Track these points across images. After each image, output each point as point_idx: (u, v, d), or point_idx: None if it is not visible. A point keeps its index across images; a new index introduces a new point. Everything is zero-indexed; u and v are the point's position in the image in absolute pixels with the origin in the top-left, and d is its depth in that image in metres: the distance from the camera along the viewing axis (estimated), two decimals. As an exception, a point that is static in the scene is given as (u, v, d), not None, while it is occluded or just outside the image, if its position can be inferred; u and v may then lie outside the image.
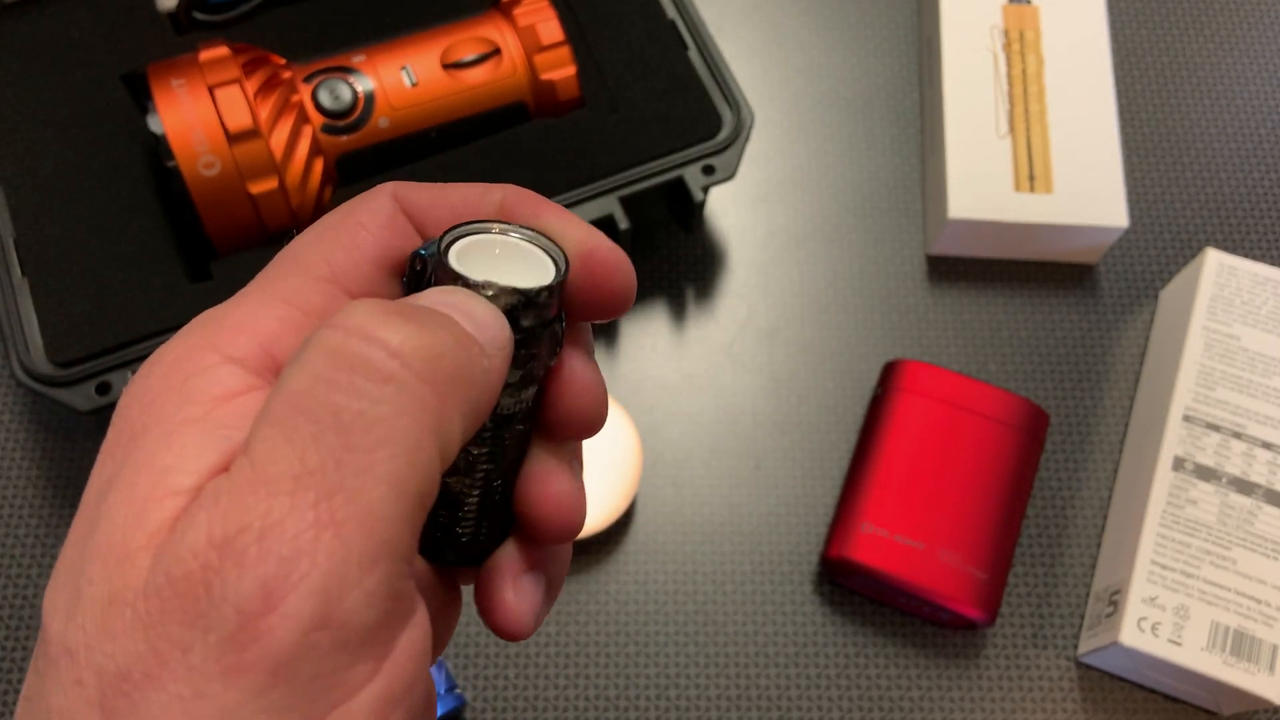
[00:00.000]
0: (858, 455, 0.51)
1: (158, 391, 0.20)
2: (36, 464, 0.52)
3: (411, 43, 0.50)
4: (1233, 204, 0.60)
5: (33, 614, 0.49)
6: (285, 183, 0.47)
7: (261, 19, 0.53)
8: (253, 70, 0.47)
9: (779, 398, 0.55)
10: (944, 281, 0.58)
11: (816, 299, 0.57)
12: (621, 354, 0.56)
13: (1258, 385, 0.50)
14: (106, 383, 0.45)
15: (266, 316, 0.21)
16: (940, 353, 0.56)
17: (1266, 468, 0.48)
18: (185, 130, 0.45)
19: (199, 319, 0.22)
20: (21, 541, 0.51)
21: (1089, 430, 0.55)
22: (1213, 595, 0.46)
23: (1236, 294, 0.52)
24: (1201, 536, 0.47)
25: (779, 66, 0.64)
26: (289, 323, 0.21)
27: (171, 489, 0.19)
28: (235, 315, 0.21)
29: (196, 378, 0.20)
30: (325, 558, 0.17)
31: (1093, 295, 0.58)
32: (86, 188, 0.48)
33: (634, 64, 0.53)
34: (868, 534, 0.48)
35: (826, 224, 0.59)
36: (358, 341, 0.18)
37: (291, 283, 0.22)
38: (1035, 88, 0.58)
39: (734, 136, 0.51)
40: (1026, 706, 0.49)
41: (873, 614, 0.51)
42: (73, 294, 0.46)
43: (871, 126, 0.62)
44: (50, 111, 0.50)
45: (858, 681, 0.49)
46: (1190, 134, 0.62)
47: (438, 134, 0.50)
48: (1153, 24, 0.65)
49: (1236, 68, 0.64)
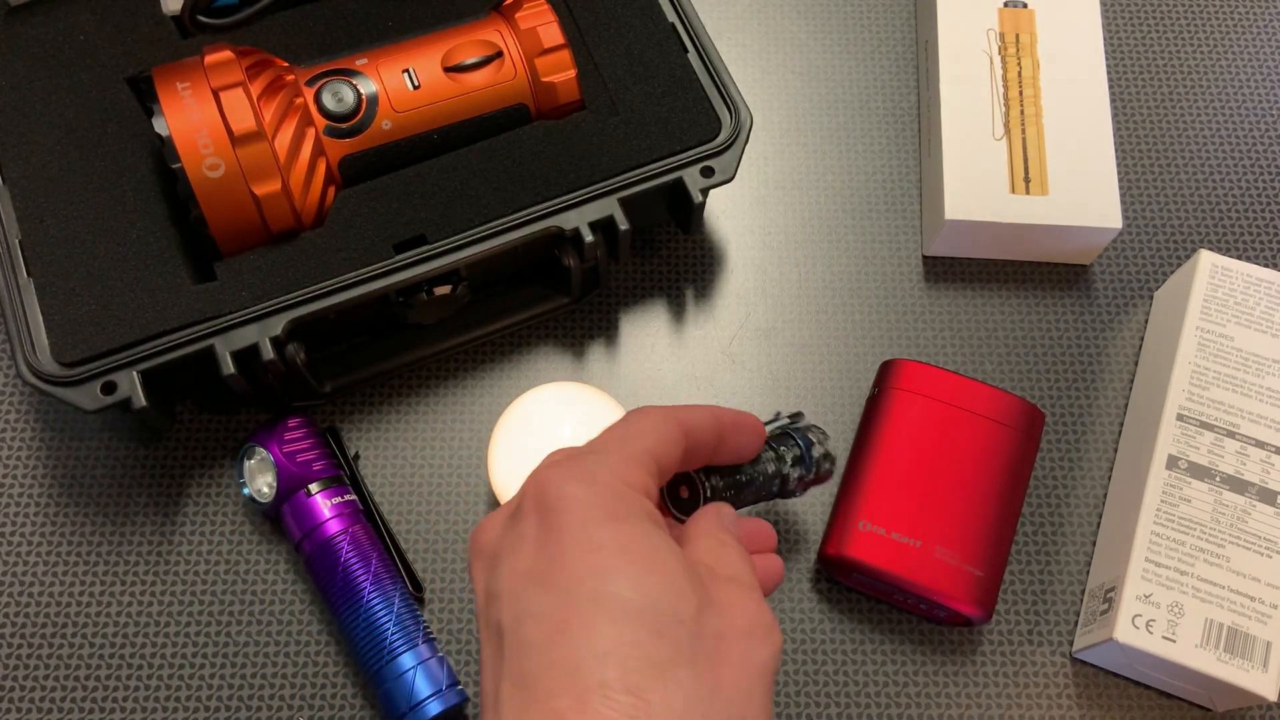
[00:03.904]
0: (855, 454, 0.51)
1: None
2: (43, 463, 0.53)
3: (413, 46, 0.50)
4: (1226, 206, 0.61)
5: (39, 612, 0.50)
6: (289, 184, 0.47)
7: (265, 22, 0.54)
8: (257, 73, 0.47)
9: (777, 397, 0.55)
10: (941, 282, 0.58)
11: (814, 299, 0.58)
12: (621, 354, 0.56)
13: (1251, 385, 0.50)
14: (112, 382, 0.45)
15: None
16: (937, 352, 0.57)
17: (1259, 466, 0.48)
18: (190, 132, 0.46)
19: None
20: (27, 540, 0.51)
21: (1084, 429, 0.55)
22: (1207, 592, 0.46)
23: (1230, 295, 0.52)
24: (1195, 534, 0.47)
25: (777, 69, 0.64)
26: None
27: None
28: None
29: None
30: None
31: (1088, 296, 0.58)
32: (92, 189, 0.49)
33: (634, 67, 0.53)
34: (865, 532, 0.48)
35: (824, 225, 0.60)
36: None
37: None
38: (1031, 90, 0.58)
39: (733, 139, 0.52)
40: (1022, 703, 0.50)
41: (870, 611, 0.51)
42: (78, 294, 0.47)
43: (869, 129, 0.62)
44: (56, 113, 0.50)
45: (855, 678, 0.50)
46: (1184, 136, 0.63)
47: (439, 136, 0.50)
48: (1147, 27, 0.66)
49: (1230, 71, 0.65)
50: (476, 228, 0.49)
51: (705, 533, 0.35)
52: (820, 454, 0.45)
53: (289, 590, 0.50)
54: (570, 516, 0.31)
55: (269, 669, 0.49)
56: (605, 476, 0.32)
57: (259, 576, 0.51)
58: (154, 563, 0.51)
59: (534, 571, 0.31)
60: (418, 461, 0.53)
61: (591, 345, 0.56)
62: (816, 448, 0.45)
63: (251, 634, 0.50)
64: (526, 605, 0.30)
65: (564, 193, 0.50)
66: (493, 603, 0.32)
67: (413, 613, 0.48)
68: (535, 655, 0.29)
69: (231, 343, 0.47)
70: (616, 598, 0.29)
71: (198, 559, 0.51)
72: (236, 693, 0.49)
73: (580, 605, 0.29)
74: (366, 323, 0.53)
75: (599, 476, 0.32)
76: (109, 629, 0.50)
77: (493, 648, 0.31)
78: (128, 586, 0.50)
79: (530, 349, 0.56)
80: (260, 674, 0.49)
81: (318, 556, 0.48)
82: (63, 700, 0.48)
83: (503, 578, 0.32)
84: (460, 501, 0.52)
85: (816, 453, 0.45)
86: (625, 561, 0.30)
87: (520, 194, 0.50)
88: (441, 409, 0.54)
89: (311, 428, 0.51)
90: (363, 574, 0.47)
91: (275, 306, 0.47)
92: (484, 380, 0.55)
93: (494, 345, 0.56)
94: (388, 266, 0.48)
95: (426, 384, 0.55)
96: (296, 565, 0.51)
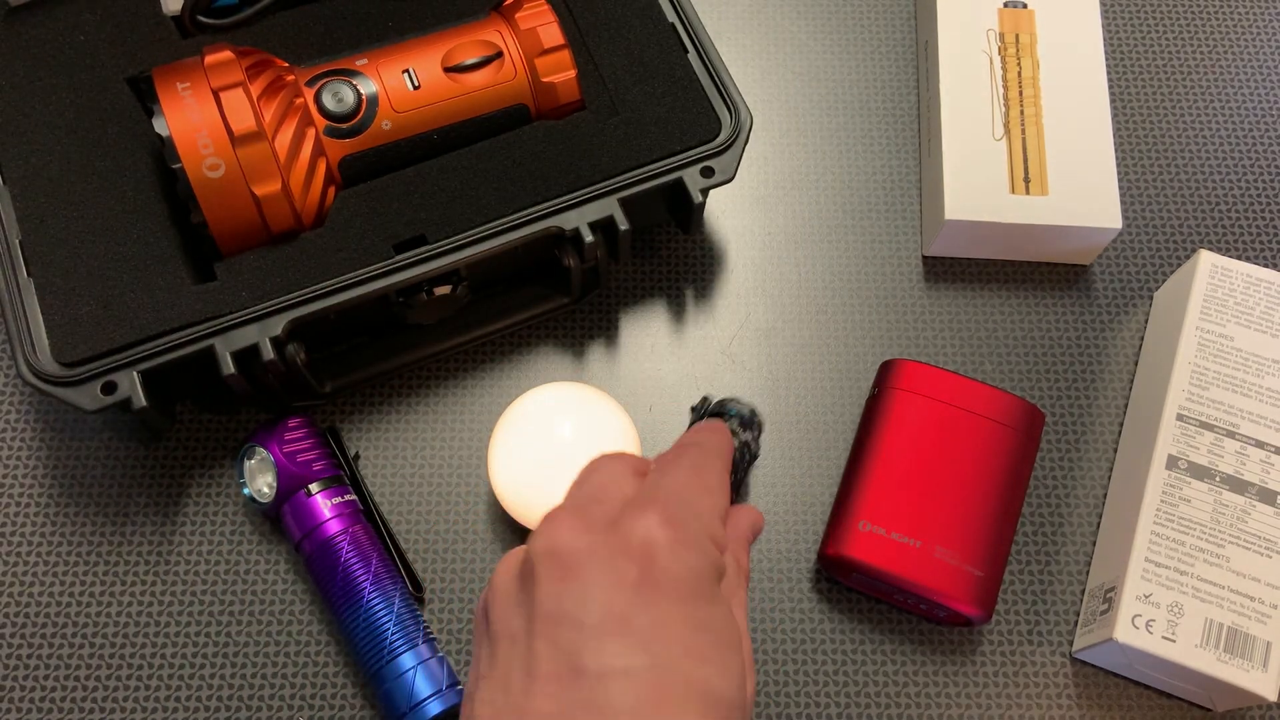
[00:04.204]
0: (855, 454, 0.51)
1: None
2: (43, 463, 0.53)
3: (414, 46, 0.50)
4: (1225, 206, 0.61)
5: (39, 612, 0.50)
6: (289, 184, 0.47)
7: (265, 23, 0.54)
8: (257, 73, 0.47)
9: (777, 397, 0.55)
10: (940, 282, 0.58)
11: (814, 299, 0.58)
12: (621, 354, 0.56)
13: (1250, 385, 0.50)
14: (112, 382, 0.45)
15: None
16: (937, 353, 0.57)
17: (1259, 466, 0.48)
18: (190, 132, 0.46)
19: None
20: (27, 540, 0.51)
21: (1084, 429, 0.55)
22: (1206, 592, 0.46)
23: (1229, 295, 0.52)
24: (1195, 534, 0.47)
25: (777, 69, 0.64)
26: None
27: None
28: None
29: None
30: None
31: (1087, 296, 0.58)
32: (92, 189, 0.49)
33: (634, 67, 0.53)
34: (865, 532, 0.48)
35: (824, 225, 0.60)
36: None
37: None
38: (1031, 91, 0.58)
39: (733, 139, 0.52)
40: (1022, 703, 0.50)
41: (870, 611, 0.51)
42: (78, 294, 0.47)
43: (869, 129, 0.62)
44: (56, 114, 0.50)
45: (855, 678, 0.50)
46: (1184, 137, 0.63)
47: (439, 136, 0.50)
48: (1146, 28, 0.66)
49: (1229, 71, 0.65)
50: (476, 228, 0.49)
51: (736, 595, 0.35)
52: (748, 411, 0.48)
53: (289, 590, 0.50)
54: (680, 587, 0.31)
55: (269, 669, 0.49)
56: (707, 549, 0.32)
57: (259, 576, 0.51)
58: (154, 563, 0.51)
59: (627, 619, 0.30)
60: (418, 461, 0.53)
61: (591, 345, 0.56)
62: (743, 407, 0.48)
63: (251, 634, 0.50)
64: (613, 654, 0.29)
65: (564, 193, 0.50)
66: (551, 602, 0.31)
67: (413, 613, 0.48)
68: (610, 714, 0.28)
69: (231, 343, 0.47)
70: (707, 686, 0.30)
71: (198, 559, 0.51)
72: (236, 693, 0.49)
73: (674, 687, 0.29)
74: (366, 323, 0.53)
75: (704, 547, 0.32)
76: (109, 629, 0.50)
77: (518, 649, 0.31)
78: (128, 586, 0.50)
79: (530, 349, 0.56)
80: (260, 674, 0.49)
81: (318, 556, 0.48)
82: (63, 700, 0.48)
83: (592, 590, 0.30)
84: (460, 501, 0.52)
85: (745, 411, 0.48)
86: (717, 649, 0.30)
87: (520, 194, 0.50)
88: (441, 409, 0.54)
89: (311, 428, 0.51)
90: (363, 574, 0.47)
91: (275, 306, 0.47)
92: (484, 380, 0.55)
93: (494, 345, 0.56)
94: (388, 266, 0.48)
95: (426, 384, 0.55)
96: (296, 565, 0.51)
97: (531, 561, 0.32)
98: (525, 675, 0.30)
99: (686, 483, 0.34)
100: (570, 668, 0.29)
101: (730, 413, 0.48)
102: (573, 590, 0.30)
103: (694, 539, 0.32)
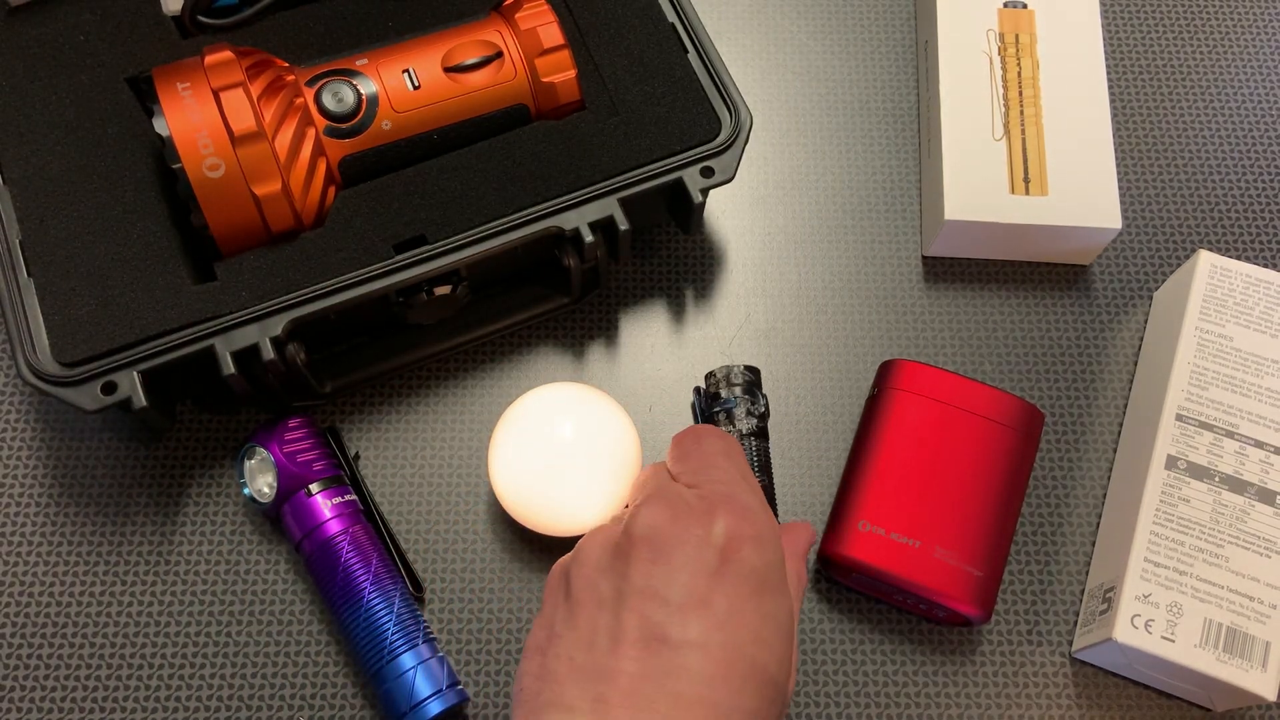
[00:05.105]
0: (854, 454, 0.51)
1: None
2: (43, 463, 0.53)
3: (414, 46, 0.50)
4: (1225, 206, 0.61)
5: (39, 612, 0.50)
6: (289, 184, 0.47)
7: (265, 23, 0.54)
8: (257, 73, 0.47)
9: (776, 397, 0.55)
10: (940, 282, 0.58)
11: (814, 299, 0.58)
12: (621, 354, 0.56)
13: (1250, 385, 0.50)
14: (112, 382, 0.45)
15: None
16: (936, 353, 0.57)
17: (1259, 466, 0.49)
18: (190, 132, 0.46)
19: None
20: (27, 540, 0.51)
21: (1083, 429, 0.55)
22: (1206, 592, 0.46)
23: (1229, 295, 0.52)
24: (1195, 534, 0.47)
25: (777, 70, 0.64)
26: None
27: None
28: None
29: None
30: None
31: (1087, 296, 0.58)
32: (92, 189, 0.49)
33: (634, 67, 0.53)
34: (865, 532, 0.48)
35: (824, 225, 0.60)
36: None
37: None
38: (1030, 91, 0.58)
39: (732, 139, 0.52)
40: (1022, 702, 0.50)
41: (870, 611, 0.51)
42: (78, 294, 0.47)
43: (869, 129, 0.62)
44: (56, 113, 0.50)
45: (855, 678, 0.50)
46: (1183, 137, 0.63)
47: (439, 136, 0.50)
48: (1146, 28, 0.66)
49: (1229, 72, 0.65)
50: (476, 228, 0.49)
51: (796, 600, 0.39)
52: (740, 390, 0.50)
53: (289, 590, 0.51)
54: (754, 578, 0.35)
55: (269, 669, 0.49)
56: (779, 548, 0.37)
57: (259, 576, 0.51)
58: (154, 563, 0.51)
59: (707, 601, 0.34)
60: (418, 461, 0.53)
61: (591, 345, 0.56)
62: (732, 389, 0.50)
63: (251, 634, 0.50)
64: (693, 629, 0.34)
65: (564, 193, 0.50)
66: (642, 579, 0.35)
67: (413, 612, 0.48)
68: (685, 679, 0.33)
69: (231, 343, 0.47)
70: (765, 669, 0.34)
71: (198, 559, 0.51)
72: (236, 693, 0.49)
73: (740, 664, 0.33)
74: (366, 323, 0.53)
75: (777, 546, 0.37)
76: (109, 629, 0.50)
77: (604, 614, 0.35)
78: (128, 586, 0.50)
79: (530, 349, 0.56)
80: (260, 674, 0.49)
81: (318, 556, 0.48)
82: (63, 700, 0.48)
83: (679, 573, 0.35)
84: (460, 501, 0.53)
85: (739, 384, 0.50)
86: (778, 638, 0.35)
87: (520, 194, 0.50)
88: (441, 409, 0.54)
89: (312, 428, 0.51)
90: (363, 574, 0.47)
91: (275, 306, 0.47)
92: (484, 380, 0.55)
93: (494, 345, 0.56)
94: (388, 266, 0.48)
95: (426, 384, 0.55)
96: (296, 565, 0.51)
97: (628, 541, 0.36)
98: (611, 639, 0.34)
99: (754, 488, 0.39)
100: (655, 636, 0.34)
101: (725, 403, 0.49)
102: (661, 571, 0.35)
103: (770, 539, 0.36)
